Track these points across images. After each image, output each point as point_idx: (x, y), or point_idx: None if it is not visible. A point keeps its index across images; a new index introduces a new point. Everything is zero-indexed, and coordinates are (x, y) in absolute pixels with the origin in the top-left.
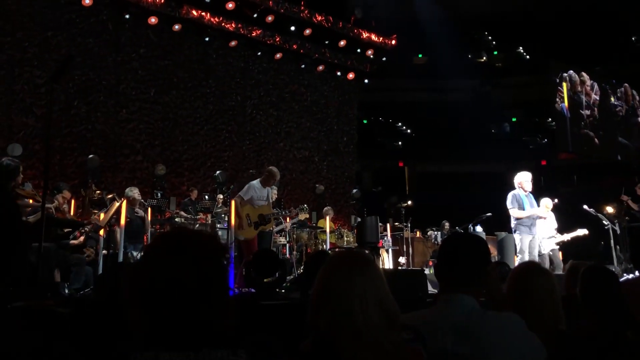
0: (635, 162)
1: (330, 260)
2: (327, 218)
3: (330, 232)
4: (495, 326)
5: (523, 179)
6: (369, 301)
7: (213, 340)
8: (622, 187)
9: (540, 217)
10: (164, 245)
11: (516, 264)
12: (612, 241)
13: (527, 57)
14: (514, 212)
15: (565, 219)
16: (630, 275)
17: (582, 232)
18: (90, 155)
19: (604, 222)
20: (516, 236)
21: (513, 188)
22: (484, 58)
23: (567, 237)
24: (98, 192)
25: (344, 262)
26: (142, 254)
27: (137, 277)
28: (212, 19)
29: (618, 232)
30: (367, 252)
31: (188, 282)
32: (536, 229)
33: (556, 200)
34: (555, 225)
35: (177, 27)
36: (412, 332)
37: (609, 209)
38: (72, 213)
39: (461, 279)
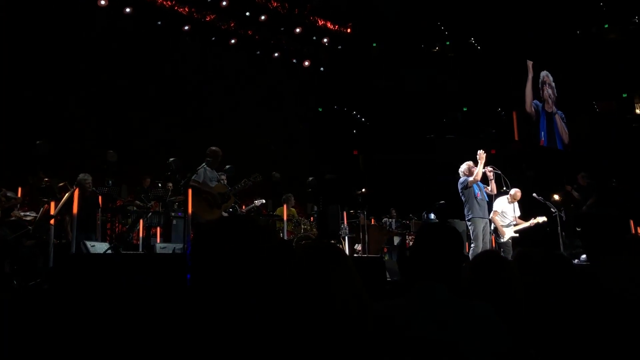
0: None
1: (303, 254)
2: (285, 206)
3: (288, 220)
4: (469, 315)
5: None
6: (347, 293)
7: None
8: (564, 177)
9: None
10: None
11: (470, 250)
12: (559, 228)
13: (479, 47)
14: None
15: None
16: (575, 261)
17: (541, 219)
18: (39, 141)
19: (551, 209)
20: (469, 222)
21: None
22: (437, 48)
23: (526, 224)
24: (46, 179)
25: (318, 256)
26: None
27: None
28: (164, 3)
29: (564, 218)
30: (333, 242)
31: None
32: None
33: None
34: (518, 213)
35: (128, 10)
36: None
37: (556, 197)
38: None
39: (436, 268)
